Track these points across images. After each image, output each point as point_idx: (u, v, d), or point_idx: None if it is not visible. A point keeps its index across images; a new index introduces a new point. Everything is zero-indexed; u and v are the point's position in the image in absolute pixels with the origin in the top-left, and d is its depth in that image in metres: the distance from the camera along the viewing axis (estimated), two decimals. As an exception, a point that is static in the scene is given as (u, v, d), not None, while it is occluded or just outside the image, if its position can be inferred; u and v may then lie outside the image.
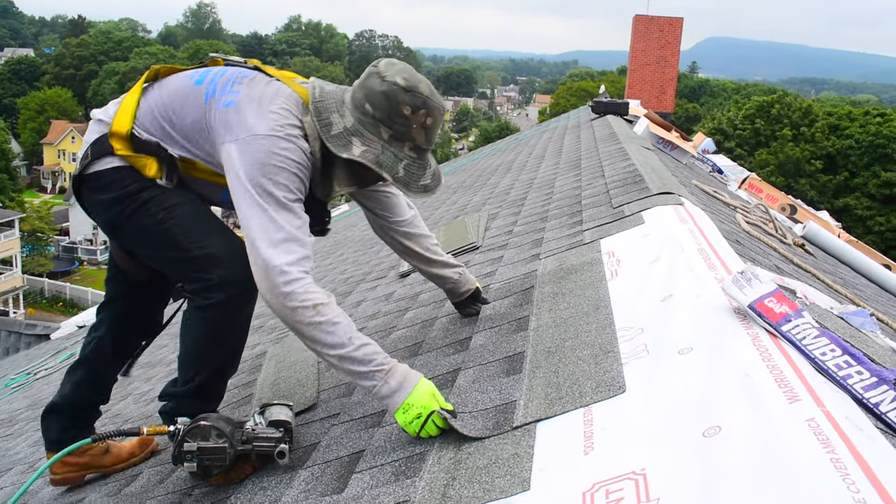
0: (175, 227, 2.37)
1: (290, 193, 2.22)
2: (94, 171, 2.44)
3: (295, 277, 2.12)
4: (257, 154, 2.20)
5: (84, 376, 2.75)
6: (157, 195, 2.40)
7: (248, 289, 2.32)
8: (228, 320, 2.37)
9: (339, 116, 2.31)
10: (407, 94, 2.25)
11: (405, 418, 2.03)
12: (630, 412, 1.67)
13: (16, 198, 55.71)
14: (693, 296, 2.17)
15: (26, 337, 12.40)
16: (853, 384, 1.59)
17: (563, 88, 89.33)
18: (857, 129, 41.84)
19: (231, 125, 2.27)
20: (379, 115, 2.27)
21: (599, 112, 10.99)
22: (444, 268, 2.93)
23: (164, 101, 2.44)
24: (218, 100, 2.34)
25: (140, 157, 2.40)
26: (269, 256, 2.13)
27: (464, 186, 8.67)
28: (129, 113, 2.45)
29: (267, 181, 2.18)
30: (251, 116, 2.26)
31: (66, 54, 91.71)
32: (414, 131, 2.30)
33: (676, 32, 24.78)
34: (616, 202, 3.90)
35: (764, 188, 9.79)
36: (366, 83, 2.29)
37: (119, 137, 2.41)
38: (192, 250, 2.35)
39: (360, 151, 2.26)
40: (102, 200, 2.45)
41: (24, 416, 5.46)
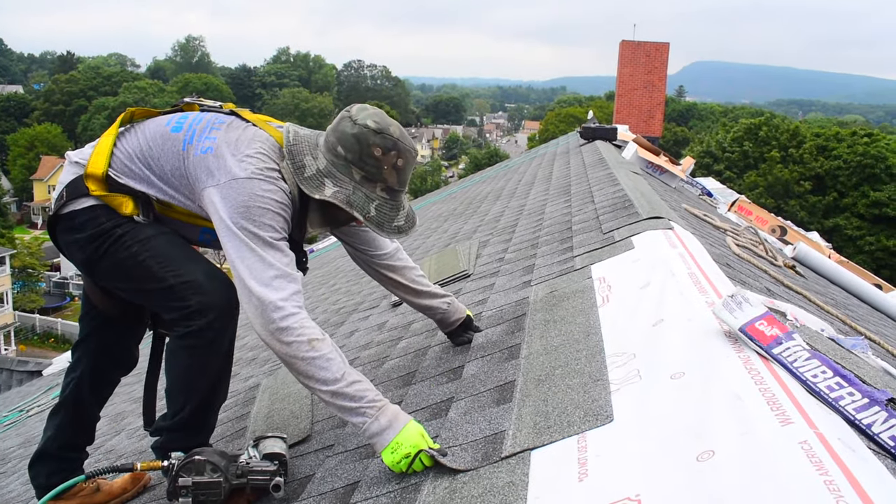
0: (150, 258, 2.40)
1: (276, 233, 2.27)
2: (68, 210, 2.47)
3: (290, 312, 2.16)
4: (240, 197, 2.25)
5: (66, 419, 2.76)
6: (132, 229, 2.44)
7: (228, 313, 2.38)
8: (209, 346, 2.37)
9: (312, 159, 2.37)
10: (377, 136, 2.31)
11: (393, 458, 2.02)
12: (624, 438, 1.67)
13: (6, 234, 55.59)
14: (684, 320, 2.18)
15: (18, 374, 12.33)
16: (845, 405, 1.59)
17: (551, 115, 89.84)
18: (845, 149, 42.14)
19: (211, 170, 2.32)
20: (350, 156, 2.33)
21: (588, 138, 11.05)
22: (431, 298, 2.94)
23: (143, 148, 2.49)
24: (195, 146, 2.40)
25: (116, 196, 2.44)
26: (263, 294, 2.16)
27: (454, 214, 8.69)
28: (105, 155, 2.48)
29: (251, 223, 2.23)
30: (230, 160, 2.31)
31: (55, 90, 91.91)
32: (385, 172, 2.35)
33: (663, 57, 25.01)
34: (606, 227, 3.92)
35: (753, 210, 9.84)
36: (338, 127, 2.36)
37: (94, 179, 2.46)
38: (168, 279, 2.38)
39: (332, 192, 2.32)
40: (77, 240, 2.48)
41: (17, 453, 5.41)
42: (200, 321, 2.33)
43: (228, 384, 2.57)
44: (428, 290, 2.94)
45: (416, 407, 2.50)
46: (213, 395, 2.49)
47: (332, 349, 2.18)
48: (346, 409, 2.13)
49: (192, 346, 2.36)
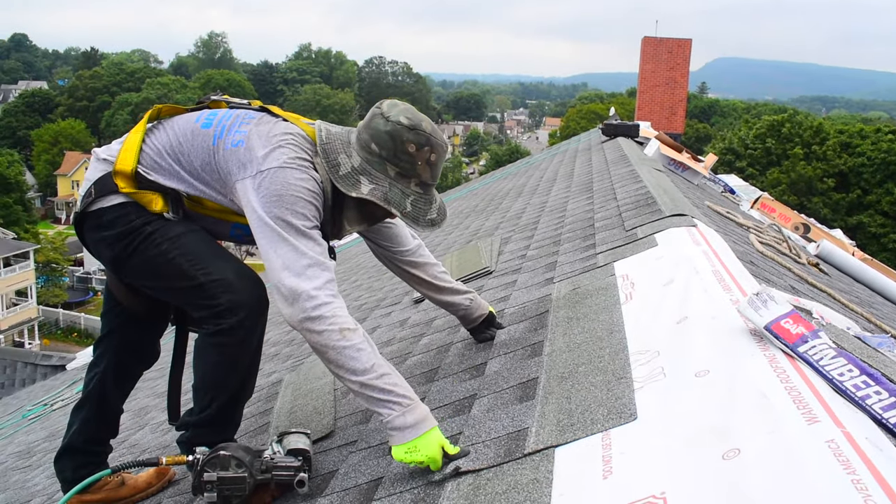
0: (179, 255, 2.41)
1: (308, 221, 2.27)
2: (96, 208, 2.47)
3: (324, 301, 2.16)
4: (273, 186, 2.25)
5: (90, 413, 2.78)
6: (162, 227, 2.44)
7: (257, 311, 2.39)
8: (240, 345, 2.39)
9: (347, 157, 2.38)
10: (411, 133, 2.32)
11: (405, 457, 2.03)
12: (648, 436, 1.66)
13: (30, 229, 56.13)
14: (708, 318, 2.17)
15: (42, 368, 12.45)
16: (872, 404, 1.58)
17: (572, 111, 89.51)
18: (869, 146, 41.72)
19: (243, 162, 2.33)
20: (385, 153, 2.34)
21: (610, 134, 11.01)
22: (453, 294, 2.94)
23: (172, 143, 2.48)
24: (226, 140, 2.40)
25: (145, 193, 2.44)
26: (295, 284, 2.16)
27: (476, 211, 8.69)
28: (134, 152, 2.48)
29: (285, 211, 2.23)
30: (262, 151, 2.31)
31: (79, 86, 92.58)
32: (419, 168, 2.36)
33: (685, 53, 24.84)
34: (629, 225, 3.91)
35: (776, 207, 9.78)
36: (371, 124, 2.36)
37: (123, 176, 2.45)
38: (198, 277, 2.38)
39: (369, 189, 2.34)
40: (105, 237, 2.48)
41: (42, 447, 5.47)
42: (231, 319, 2.34)
43: (255, 381, 2.59)
44: (450, 287, 2.94)
45: (438, 403, 2.50)
46: (241, 392, 2.52)
47: (364, 339, 2.17)
48: (374, 399, 2.12)
49: (221, 343, 2.38)
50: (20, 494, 4.11)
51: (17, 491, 4.25)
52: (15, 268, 44.05)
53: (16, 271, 44.06)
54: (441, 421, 2.32)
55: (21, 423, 7.52)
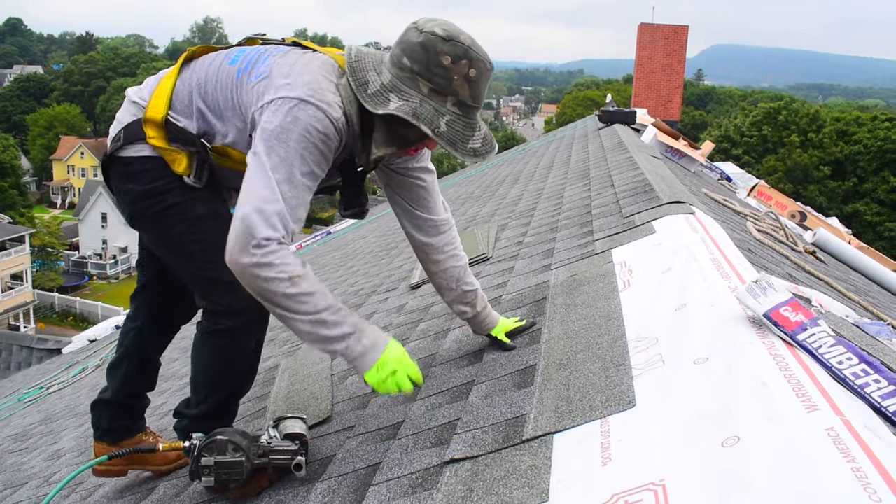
0: (193, 242, 2.34)
1: (305, 166, 2.11)
2: (124, 155, 2.38)
3: (272, 249, 2.04)
4: (285, 118, 2.08)
5: (130, 369, 2.71)
6: (184, 201, 2.34)
7: (257, 317, 2.33)
8: (236, 347, 2.37)
9: (377, 74, 2.19)
10: (446, 44, 2.12)
11: (379, 376, 2.09)
12: (647, 423, 1.66)
13: (26, 213, 56.07)
14: (707, 305, 2.17)
15: (38, 351, 12.46)
16: (871, 392, 1.58)
17: (569, 98, 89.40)
18: (866, 134, 41.78)
19: (262, 93, 2.17)
20: (417, 67, 2.14)
21: (606, 121, 10.99)
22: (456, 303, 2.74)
23: (200, 81, 2.35)
24: (250, 74, 2.25)
25: (171, 151, 2.32)
26: (255, 224, 2.03)
27: (472, 197, 8.68)
28: (165, 98, 2.35)
29: (285, 147, 2.07)
30: (282, 79, 2.15)
31: (74, 71, 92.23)
32: (456, 84, 2.15)
33: (682, 40, 24.79)
34: (626, 212, 3.91)
35: (773, 195, 9.79)
36: (404, 38, 2.17)
37: (153, 124, 2.33)
38: (205, 271, 2.33)
39: (397, 105, 2.14)
40: (130, 189, 2.38)
41: (38, 430, 5.48)
42: (228, 322, 2.32)
43: (254, 379, 2.57)
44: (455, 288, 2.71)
45: (436, 389, 2.50)
46: (237, 390, 2.50)
47: (314, 282, 2.12)
48: (326, 338, 2.11)
49: (218, 344, 2.37)
50: (16, 477, 4.11)
51: (13, 473, 4.25)
52: (10, 252, 44.05)
53: (11, 255, 44.06)
54: (439, 407, 2.33)
55: (17, 406, 7.52)
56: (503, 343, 2.66)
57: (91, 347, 10.54)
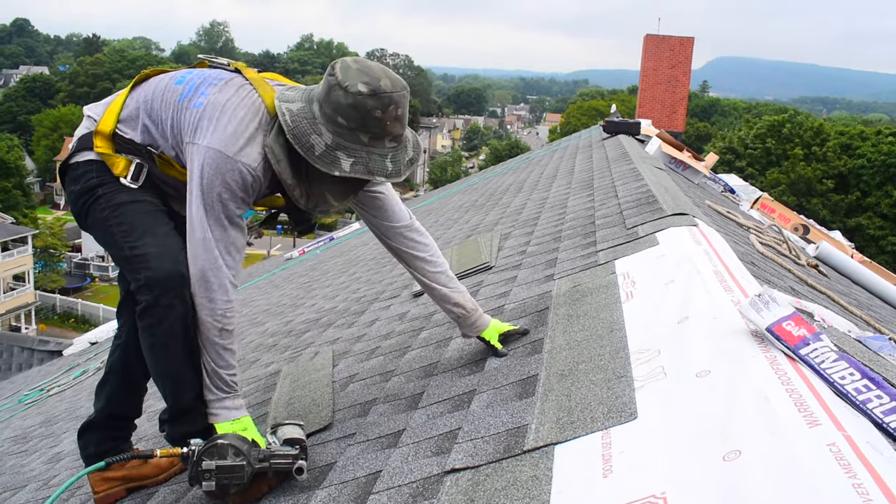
0: (115, 226, 2.48)
1: (238, 209, 2.38)
2: (72, 161, 2.60)
3: (232, 298, 2.39)
4: (211, 166, 2.31)
5: (115, 388, 2.78)
6: (110, 192, 2.52)
7: (174, 289, 2.37)
8: (161, 324, 2.38)
9: (318, 136, 2.28)
10: (373, 99, 2.23)
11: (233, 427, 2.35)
12: (649, 435, 1.66)
13: (29, 214, 56.12)
14: (709, 318, 2.17)
15: (39, 353, 12.47)
16: (873, 408, 1.58)
17: (573, 107, 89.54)
18: (870, 148, 41.78)
19: (195, 128, 2.38)
20: (354, 124, 2.25)
21: (611, 132, 10.99)
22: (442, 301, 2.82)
23: (147, 98, 2.56)
24: (191, 101, 2.44)
25: (113, 156, 2.54)
26: (216, 267, 2.34)
27: (475, 206, 8.69)
28: (115, 113, 2.58)
29: (219, 194, 2.32)
30: (210, 124, 2.35)
31: (80, 72, 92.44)
32: (389, 126, 2.28)
33: (687, 52, 24.80)
34: (630, 223, 3.91)
35: (776, 208, 9.79)
36: (331, 98, 2.26)
37: (102, 136, 2.55)
38: (125, 250, 2.46)
39: (350, 165, 2.27)
40: (72, 191, 2.60)
41: (38, 432, 5.48)
42: (147, 296, 2.37)
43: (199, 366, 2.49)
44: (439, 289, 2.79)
45: (437, 398, 2.50)
46: (186, 375, 2.45)
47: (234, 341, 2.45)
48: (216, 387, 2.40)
49: (147, 325, 2.42)
50: (16, 479, 4.11)
51: (12, 476, 4.25)
52: (13, 252, 44.08)
53: (14, 256, 44.09)
54: (440, 416, 2.33)
55: (17, 408, 7.52)
56: (495, 348, 2.72)
57: (92, 350, 10.55)
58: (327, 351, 3.84)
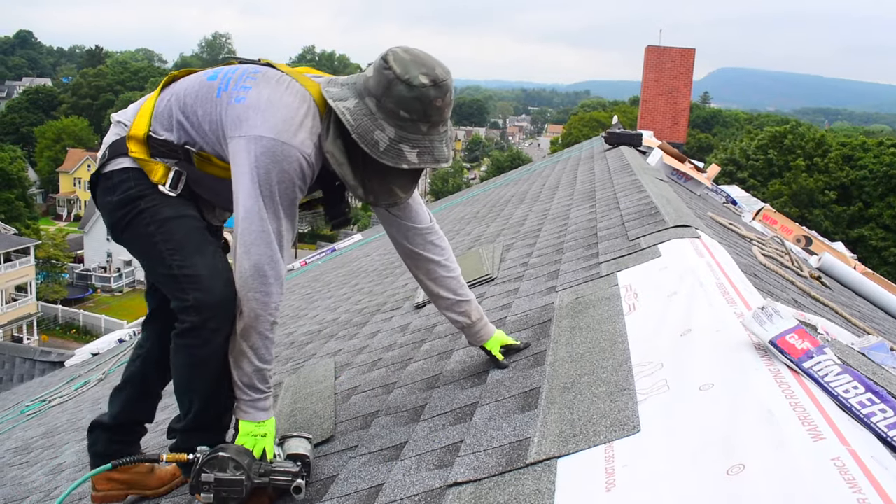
0: (162, 241, 2.41)
1: (293, 200, 2.34)
2: (107, 170, 2.50)
3: (278, 291, 2.32)
4: (262, 157, 2.24)
5: (131, 394, 2.78)
6: (154, 206, 2.43)
7: (223, 313, 2.35)
8: (204, 346, 2.36)
9: (381, 131, 2.28)
10: (435, 90, 2.26)
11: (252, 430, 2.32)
12: (652, 449, 1.66)
13: (31, 225, 56.24)
14: (713, 331, 2.17)
15: (41, 364, 12.46)
16: (877, 422, 1.57)
17: (575, 118, 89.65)
18: (872, 159, 41.79)
19: (241, 120, 2.31)
20: (416, 116, 2.27)
21: (613, 143, 10.99)
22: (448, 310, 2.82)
23: (179, 96, 2.49)
24: (230, 94, 2.38)
25: (150, 162, 2.45)
26: (273, 260, 2.29)
27: (477, 217, 8.69)
28: (147, 116, 2.51)
29: (270, 186, 2.26)
30: (258, 115, 2.29)
31: (83, 84, 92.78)
32: (445, 113, 2.33)
33: (689, 63, 24.85)
34: (632, 234, 3.90)
35: (778, 219, 9.77)
36: (392, 93, 2.26)
37: (136, 140, 2.47)
38: (173, 268, 2.39)
39: (416, 156, 2.30)
40: (108, 202, 2.50)
41: (40, 443, 5.47)
42: (195, 318, 2.33)
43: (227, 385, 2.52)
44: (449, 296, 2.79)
45: (439, 411, 2.50)
46: (216, 396, 2.46)
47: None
48: (255, 388, 2.37)
49: (187, 345, 2.38)
50: (17, 491, 4.11)
51: (13, 487, 4.25)
52: (15, 263, 44.15)
53: (16, 267, 44.16)
54: (442, 428, 2.32)
55: (19, 419, 7.52)
56: (496, 360, 2.73)
57: (94, 361, 10.54)
58: (329, 363, 3.83)
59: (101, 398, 6.61)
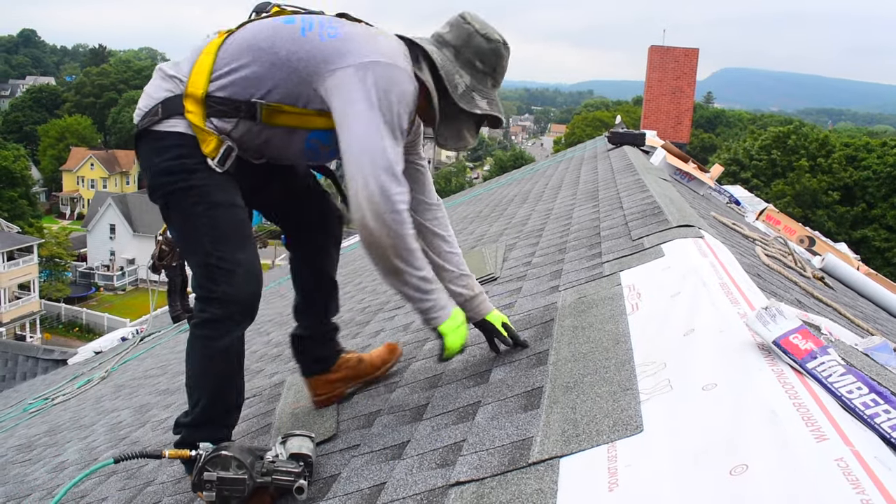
0: (207, 226, 2.39)
1: (404, 125, 2.37)
2: (158, 129, 2.42)
3: (406, 207, 2.32)
4: (380, 80, 2.28)
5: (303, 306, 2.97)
6: (205, 185, 2.39)
7: (247, 309, 2.41)
8: (222, 339, 2.39)
9: (460, 77, 2.49)
10: (505, 48, 2.55)
11: (453, 326, 2.54)
12: (655, 448, 1.65)
13: (35, 223, 56.35)
14: (716, 331, 2.16)
15: (44, 362, 12.47)
16: (881, 423, 1.57)
17: (578, 118, 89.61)
18: (875, 160, 41.78)
19: (343, 52, 2.32)
20: (487, 69, 2.53)
21: (616, 143, 10.99)
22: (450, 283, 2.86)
23: (250, 42, 2.41)
24: (317, 33, 2.37)
25: (204, 131, 2.38)
26: (386, 184, 2.26)
27: (480, 217, 8.69)
28: (205, 73, 2.41)
29: (391, 107, 2.29)
30: (368, 44, 2.35)
31: (86, 83, 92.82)
32: (503, 75, 2.60)
33: (692, 63, 24.84)
34: (635, 234, 3.90)
35: (782, 220, 9.75)
36: (472, 44, 2.49)
37: (193, 99, 2.39)
38: (211, 258, 2.38)
39: (486, 105, 2.53)
40: (156, 164, 2.43)
41: (42, 441, 5.47)
42: (217, 311, 2.36)
43: (242, 382, 2.57)
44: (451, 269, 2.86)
45: (442, 410, 2.50)
46: (226, 390, 2.48)
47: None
48: (426, 290, 2.48)
49: (205, 335, 2.40)
50: (20, 488, 4.11)
51: (16, 485, 4.25)
52: (18, 262, 44.25)
53: (19, 265, 44.26)
54: (445, 427, 2.32)
55: (22, 416, 7.53)
56: (499, 334, 2.80)
57: (96, 359, 10.55)
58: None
59: (103, 396, 6.63)
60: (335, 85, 2.29)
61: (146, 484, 3.07)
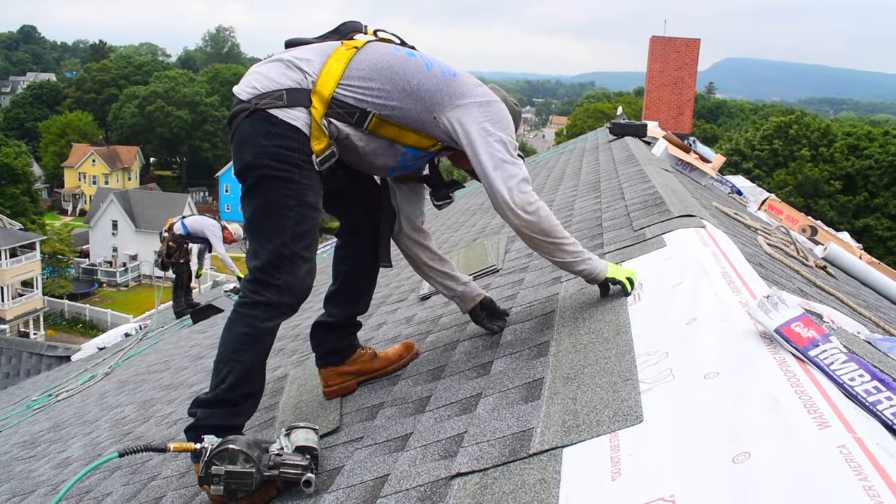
0: (294, 220, 2.52)
1: (516, 144, 2.79)
2: (276, 115, 2.49)
3: (534, 200, 2.66)
4: (497, 116, 2.71)
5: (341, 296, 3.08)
6: (304, 184, 2.52)
7: (295, 304, 2.59)
8: (267, 322, 2.53)
9: None
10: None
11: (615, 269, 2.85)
12: (658, 437, 1.66)
13: (37, 220, 56.33)
14: (718, 320, 2.16)
15: (47, 358, 12.49)
16: (883, 410, 1.57)
17: (579, 110, 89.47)
18: (877, 149, 41.66)
19: (463, 92, 2.69)
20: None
21: (617, 134, 10.96)
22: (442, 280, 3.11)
23: (381, 63, 2.64)
24: (439, 69, 2.71)
25: (320, 130, 2.53)
26: (522, 188, 2.64)
27: (482, 209, 8.67)
28: (336, 77, 2.57)
29: (508, 135, 2.71)
30: (480, 89, 2.75)
31: (87, 78, 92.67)
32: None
33: (693, 53, 24.80)
34: (637, 225, 3.90)
35: (784, 209, 9.73)
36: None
37: (321, 98, 2.54)
38: (287, 248, 2.51)
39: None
40: (265, 146, 2.49)
41: (46, 437, 5.48)
42: (273, 296, 2.50)
43: (264, 373, 2.66)
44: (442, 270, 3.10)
45: (444, 402, 2.50)
46: (255, 374, 2.58)
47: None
48: (579, 252, 2.79)
49: (253, 315, 2.51)
50: (24, 484, 4.12)
51: (21, 481, 4.26)
52: (21, 258, 44.25)
53: (22, 262, 44.27)
54: (447, 419, 2.32)
55: (26, 413, 7.54)
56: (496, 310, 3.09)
57: (100, 355, 10.57)
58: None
59: (107, 392, 6.64)
60: (458, 116, 2.66)
61: (151, 478, 3.08)
